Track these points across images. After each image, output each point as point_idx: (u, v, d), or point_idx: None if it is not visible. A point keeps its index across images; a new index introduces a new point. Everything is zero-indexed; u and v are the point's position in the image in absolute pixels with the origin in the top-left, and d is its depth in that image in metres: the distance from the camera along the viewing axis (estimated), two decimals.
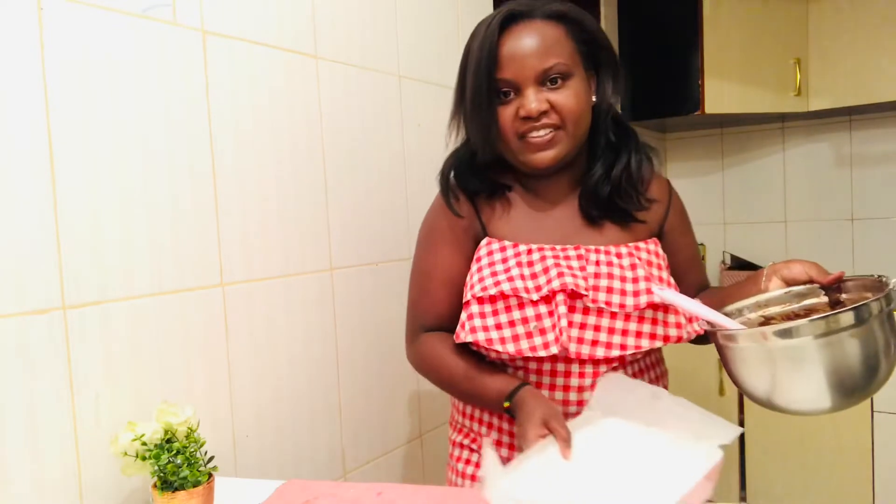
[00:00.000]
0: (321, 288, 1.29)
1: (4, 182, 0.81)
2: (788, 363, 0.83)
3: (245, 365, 1.13)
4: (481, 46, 0.96)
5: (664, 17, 2.67)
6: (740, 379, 0.90)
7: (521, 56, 0.94)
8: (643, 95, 2.74)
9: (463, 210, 1.06)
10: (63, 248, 0.87)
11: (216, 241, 1.08)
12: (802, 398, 0.85)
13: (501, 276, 0.99)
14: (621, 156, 1.03)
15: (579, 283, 0.96)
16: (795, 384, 0.84)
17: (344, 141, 1.35)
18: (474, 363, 1.04)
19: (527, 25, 0.96)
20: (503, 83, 0.96)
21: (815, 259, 0.99)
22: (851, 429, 2.26)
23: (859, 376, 0.83)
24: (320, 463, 1.29)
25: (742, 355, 0.87)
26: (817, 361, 0.81)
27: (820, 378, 0.82)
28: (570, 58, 0.96)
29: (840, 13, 2.52)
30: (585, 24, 0.99)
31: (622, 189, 1.02)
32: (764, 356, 0.85)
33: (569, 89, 0.96)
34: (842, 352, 0.81)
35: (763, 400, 0.88)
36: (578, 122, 0.98)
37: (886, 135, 2.71)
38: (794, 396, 0.86)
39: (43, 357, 0.84)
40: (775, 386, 0.86)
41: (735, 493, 2.47)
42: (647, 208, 1.04)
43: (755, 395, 0.89)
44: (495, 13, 0.98)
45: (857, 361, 0.82)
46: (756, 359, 0.86)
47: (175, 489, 0.83)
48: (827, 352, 0.81)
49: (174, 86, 1.01)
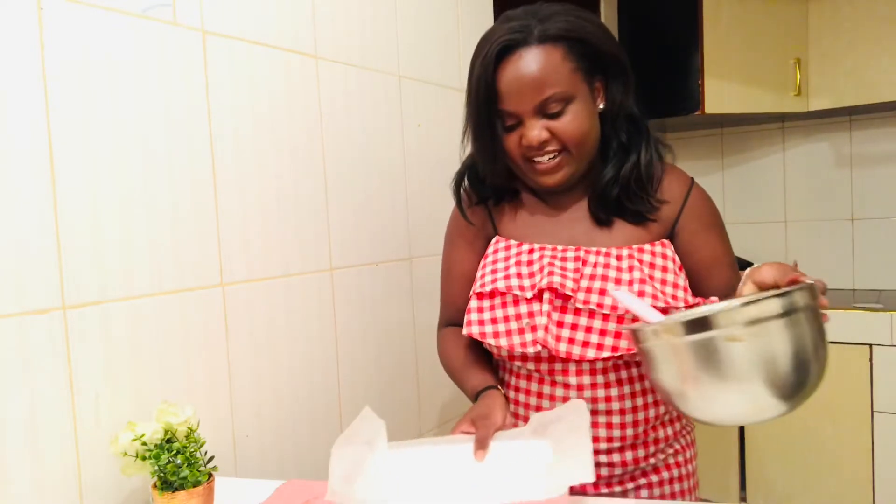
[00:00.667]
0: (321, 288, 1.29)
1: (4, 182, 0.81)
2: (696, 362, 0.75)
3: (245, 365, 1.13)
4: (479, 79, 0.95)
5: (664, 17, 2.67)
6: (658, 384, 0.81)
7: (517, 90, 0.94)
8: (643, 95, 2.73)
9: (476, 215, 1.11)
10: (63, 248, 0.86)
11: (216, 241, 1.08)
12: (713, 404, 0.77)
13: (500, 273, 1.02)
14: (631, 156, 1.02)
15: (567, 283, 0.97)
16: (705, 388, 0.76)
17: (344, 141, 1.35)
18: (472, 358, 1.09)
19: (522, 55, 0.93)
20: (505, 113, 0.97)
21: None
22: (851, 429, 2.26)
23: (779, 377, 0.74)
24: (320, 463, 1.29)
25: (650, 356, 0.80)
26: (726, 361, 0.73)
27: (733, 381, 0.74)
28: (569, 81, 0.94)
29: (840, 13, 2.52)
30: (586, 38, 0.95)
31: (631, 190, 1.01)
32: (671, 355, 0.78)
33: (569, 114, 0.95)
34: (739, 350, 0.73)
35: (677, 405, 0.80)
36: (582, 143, 0.97)
37: (886, 135, 2.71)
38: (704, 402, 0.77)
39: (43, 357, 0.84)
40: (686, 388, 0.77)
41: (735, 493, 2.47)
42: (657, 209, 1.02)
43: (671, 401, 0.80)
44: (493, 41, 0.94)
45: (760, 362, 0.73)
46: (663, 359, 0.78)
47: (175, 489, 0.83)
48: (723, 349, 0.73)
49: (174, 86, 1.01)
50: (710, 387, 0.75)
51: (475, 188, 1.10)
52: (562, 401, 1.00)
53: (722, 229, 1.07)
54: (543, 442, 0.88)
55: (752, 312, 0.73)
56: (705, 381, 0.75)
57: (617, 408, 1.00)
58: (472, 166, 1.09)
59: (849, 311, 2.27)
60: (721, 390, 0.75)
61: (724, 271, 1.04)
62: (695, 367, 0.75)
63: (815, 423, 2.33)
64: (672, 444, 1.06)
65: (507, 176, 1.05)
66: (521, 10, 0.98)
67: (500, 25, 0.97)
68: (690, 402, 0.77)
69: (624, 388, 1.00)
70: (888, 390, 2.20)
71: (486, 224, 1.11)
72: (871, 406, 2.22)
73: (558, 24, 0.94)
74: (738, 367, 0.73)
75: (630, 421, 1.01)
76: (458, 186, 1.13)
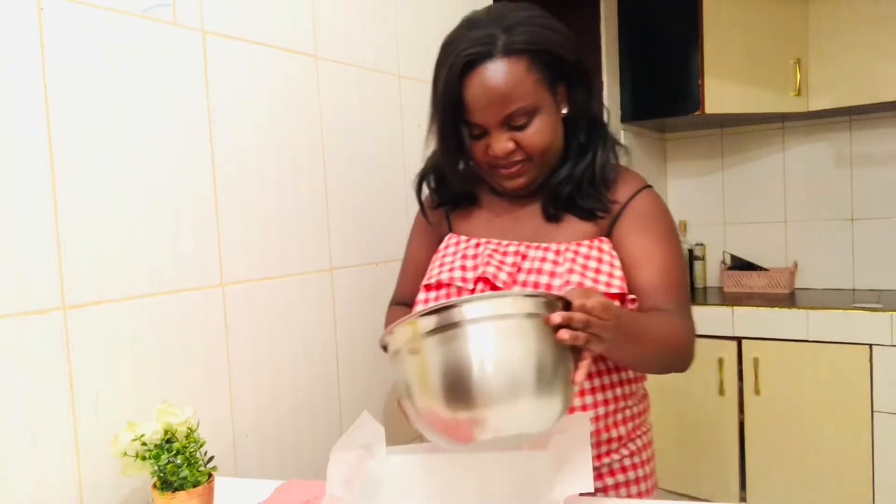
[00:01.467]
0: (321, 288, 1.29)
1: (5, 182, 0.81)
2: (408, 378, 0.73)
3: (245, 365, 1.13)
4: (444, 90, 0.96)
5: (664, 17, 2.67)
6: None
7: (483, 104, 0.95)
8: (643, 95, 2.74)
9: (435, 214, 1.17)
10: (63, 248, 0.87)
11: (216, 241, 1.08)
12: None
13: (446, 266, 1.06)
14: (587, 156, 1.03)
15: (500, 275, 0.99)
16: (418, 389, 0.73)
17: (344, 141, 1.35)
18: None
19: (488, 68, 0.93)
20: (472, 124, 0.98)
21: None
22: (851, 429, 2.26)
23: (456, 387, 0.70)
24: (320, 463, 1.29)
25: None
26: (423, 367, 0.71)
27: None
28: (533, 93, 0.95)
29: (840, 13, 2.52)
30: (549, 48, 0.96)
31: (584, 188, 1.02)
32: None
33: (533, 126, 0.97)
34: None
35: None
36: (546, 152, 1.00)
37: (886, 135, 2.71)
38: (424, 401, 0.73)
39: (43, 357, 0.84)
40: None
41: (735, 493, 2.47)
42: (609, 208, 1.03)
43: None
44: (457, 53, 0.94)
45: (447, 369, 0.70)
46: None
47: (175, 489, 0.83)
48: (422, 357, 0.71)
49: (174, 86, 1.01)
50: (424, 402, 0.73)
51: (437, 192, 1.15)
52: None
53: (663, 237, 1.02)
54: (543, 451, 0.87)
55: (422, 324, 0.71)
56: (420, 397, 0.73)
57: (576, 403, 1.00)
58: (435, 168, 1.12)
59: (849, 311, 2.27)
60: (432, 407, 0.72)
61: (645, 274, 0.99)
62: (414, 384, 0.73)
63: (815, 423, 2.33)
64: (627, 445, 1.05)
65: (472, 181, 1.10)
66: (485, 13, 0.98)
67: (464, 33, 0.96)
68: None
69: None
70: (888, 390, 2.20)
71: (442, 223, 1.16)
72: (871, 406, 2.22)
73: (522, 37, 0.94)
74: (424, 380, 0.71)
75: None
76: (419, 187, 1.17)
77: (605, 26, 2.66)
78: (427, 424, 0.75)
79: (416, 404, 0.74)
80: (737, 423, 2.48)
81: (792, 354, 2.37)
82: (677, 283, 1.00)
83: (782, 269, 2.79)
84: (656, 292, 0.98)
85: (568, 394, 0.75)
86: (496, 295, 0.73)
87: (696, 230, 3.13)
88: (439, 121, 1.01)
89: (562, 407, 0.74)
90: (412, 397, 0.74)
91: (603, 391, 1.01)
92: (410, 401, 0.75)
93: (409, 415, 0.79)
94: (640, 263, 1.00)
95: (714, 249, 3.07)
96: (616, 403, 1.02)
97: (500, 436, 0.72)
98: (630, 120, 2.77)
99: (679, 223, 3.12)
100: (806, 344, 2.34)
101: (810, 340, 2.34)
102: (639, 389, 1.08)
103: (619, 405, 1.02)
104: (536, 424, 0.73)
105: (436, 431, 0.75)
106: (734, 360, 2.47)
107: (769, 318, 2.41)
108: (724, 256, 3.01)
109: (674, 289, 0.99)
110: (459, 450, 0.82)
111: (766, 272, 2.79)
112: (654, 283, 0.98)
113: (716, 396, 2.50)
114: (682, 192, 3.17)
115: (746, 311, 2.45)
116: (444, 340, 0.71)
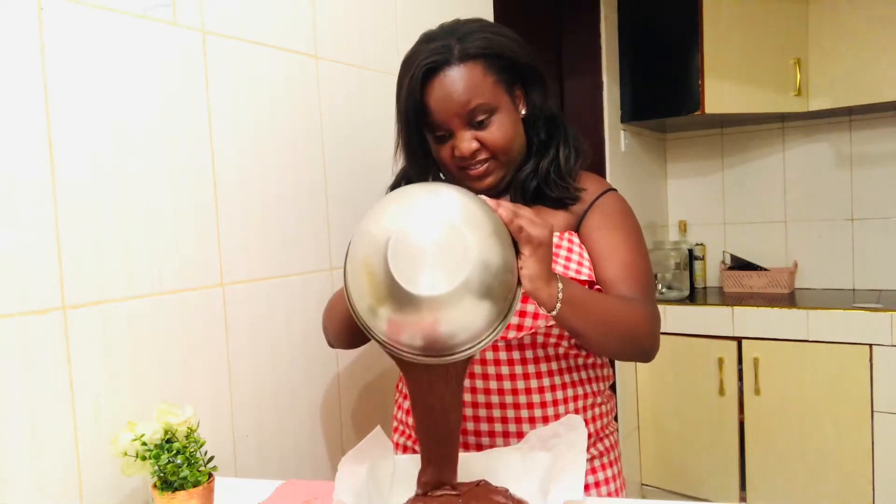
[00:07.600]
0: (321, 288, 1.29)
1: (4, 182, 0.81)
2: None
3: (245, 365, 1.13)
4: (407, 100, 1.00)
5: (664, 17, 2.67)
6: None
7: (445, 106, 0.99)
8: (643, 95, 2.74)
9: None
10: (63, 248, 0.87)
11: (216, 241, 1.08)
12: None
13: None
14: (550, 150, 1.07)
15: None
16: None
17: (344, 141, 1.35)
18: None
19: (446, 73, 0.99)
20: (435, 126, 1.02)
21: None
22: (851, 429, 2.26)
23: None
24: (320, 463, 1.29)
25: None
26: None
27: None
28: (491, 93, 1.00)
29: (840, 13, 2.52)
30: (502, 52, 1.01)
31: (550, 180, 1.06)
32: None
33: (494, 124, 1.01)
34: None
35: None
36: (509, 150, 1.03)
37: (886, 135, 2.72)
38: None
39: (43, 357, 0.84)
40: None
41: (735, 493, 2.47)
42: (578, 197, 1.07)
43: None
44: (417, 63, 0.99)
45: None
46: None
47: (175, 489, 0.83)
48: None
49: (174, 86, 1.01)
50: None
51: None
52: (480, 378, 1.03)
53: (628, 234, 1.06)
54: (541, 455, 0.88)
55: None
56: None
57: (537, 400, 1.02)
58: (408, 179, 1.13)
59: (849, 311, 2.27)
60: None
61: (610, 266, 1.03)
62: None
63: (815, 423, 2.33)
64: (596, 445, 1.07)
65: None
66: (440, 28, 1.03)
67: (421, 46, 1.01)
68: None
69: (543, 380, 1.03)
70: (888, 390, 2.20)
71: None
72: (871, 406, 2.23)
73: (476, 43, 0.99)
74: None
75: (552, 413, 1.03)
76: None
77: (605, 26, 2.66)
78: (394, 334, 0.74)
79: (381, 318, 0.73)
80: (737, 422, 2.48)
81: (792, 354, 2.37)
82: (641, 274, 1.03)
83: (782, 269, 2.79)
84: (622, 283, 1.01)
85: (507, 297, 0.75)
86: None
87: (696, 230, 3.13)
88: (405, 131, 1.05)
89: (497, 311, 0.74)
90: (377, 317, 0.73)
91: (573, 387, 1.05)
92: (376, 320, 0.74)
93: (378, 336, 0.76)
94: (606, 257, 1.04)
95: (714, 249, 3.08)
96: (585, 400, 1.06)
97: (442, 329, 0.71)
98: (630, 120, 2.77)
99: (679, 223, 3.12)
100: (806, 344, 2.35)
101: (810, 340, 2.34)
102: (605, 388, 1.12)
103: (588, 402, 1.06)
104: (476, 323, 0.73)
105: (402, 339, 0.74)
106: (734, 360, 2.47)
107: (769, 318, 2.41)
108: (724, 256, 3.02)
109: (637, 280, 1.02)
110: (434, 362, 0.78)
111: (766, 272, 2.79)
112: (620, 276, 1.01)
113: (716, 396, 2.50)
114: (682, 192, 3.17)
115: (746, 311, 2.45)
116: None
